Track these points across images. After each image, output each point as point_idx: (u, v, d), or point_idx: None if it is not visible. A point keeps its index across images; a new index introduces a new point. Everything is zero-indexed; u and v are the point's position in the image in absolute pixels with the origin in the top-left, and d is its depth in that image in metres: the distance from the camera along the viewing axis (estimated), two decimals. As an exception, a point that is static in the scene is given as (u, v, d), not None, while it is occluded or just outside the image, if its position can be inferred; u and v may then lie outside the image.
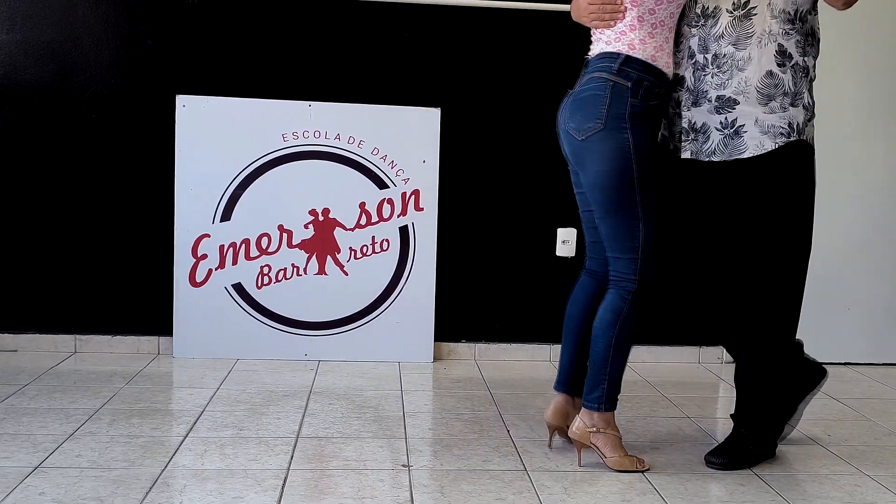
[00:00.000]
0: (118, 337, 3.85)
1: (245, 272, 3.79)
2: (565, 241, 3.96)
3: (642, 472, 2.65)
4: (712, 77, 2.63)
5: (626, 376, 3.75)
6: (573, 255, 3.96)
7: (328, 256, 3.83)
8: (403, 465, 2.64)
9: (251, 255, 3.79)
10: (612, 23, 2.61)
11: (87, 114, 3.76)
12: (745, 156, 2.62)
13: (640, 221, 2.56)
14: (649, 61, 2.58)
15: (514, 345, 4.01)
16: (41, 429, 2.84)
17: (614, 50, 2.60)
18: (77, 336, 3.84)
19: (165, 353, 3.84)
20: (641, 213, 2.56)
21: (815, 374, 2.97)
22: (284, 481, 2.49)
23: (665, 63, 2.62)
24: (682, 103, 2.68)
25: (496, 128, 3.91)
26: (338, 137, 3.78)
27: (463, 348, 4.00)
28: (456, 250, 3.94)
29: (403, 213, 3.82)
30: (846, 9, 2.64)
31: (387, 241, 3.83)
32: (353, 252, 3.83)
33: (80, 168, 3.78)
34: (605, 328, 2.63)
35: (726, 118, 2.63)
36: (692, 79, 2.66)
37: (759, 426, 2.79)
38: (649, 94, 2.58)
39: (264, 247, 3.80)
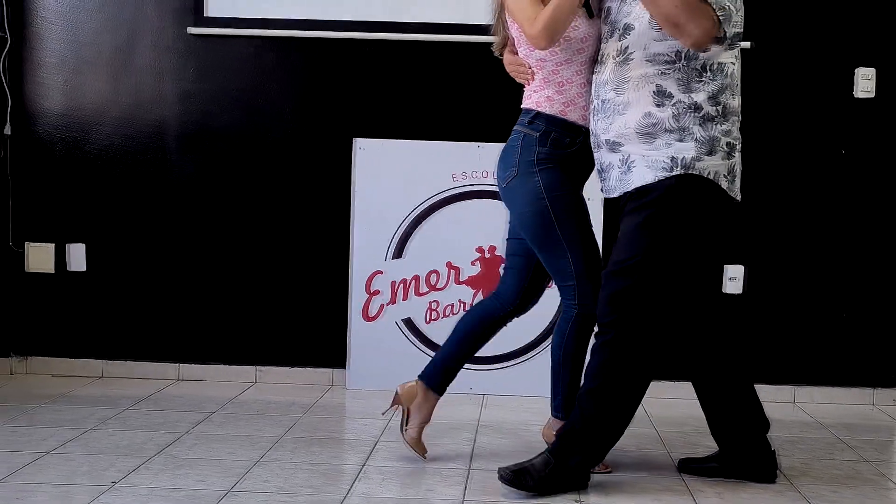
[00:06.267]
0: (295, 368, 4.04)
1: (414, 308, 3.92)
2: (733, 278, 3.92)
3: None
4: (601, 121, 2.72)
5: (797, 417, 3.71)
6: (741, 291, 3.92)
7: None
8: (576, 501, 2.68)
9: (420, 291, 3.93)
10: (527, 81, 2.88)
11: (271, 157, 4.00)
12: (630, 188, 2.68)
13: (567, 253, 2.80)
14: (559, 116, 2.82)
15: (677, 383, 3.97)
16: (230, 455, 3.02)
17: (527, 106, 2.88)
18: (257, 367, 4.05)
19: (338, 384, 4.00)
20: (566, 246, 2.79)
21: (765, 469, 2.87)
22: (461, 512, 2.57)
23: (581, 116, 2.82)
24: (592, 147, 2.80)
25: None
26: (505, 177, 3.87)
27: (627, 385, 3.99)
28: (621, 287, 3.96)
29: (569, 250, 3.87)
30: (698, 49, 2.61)
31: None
32: (518, 288, 3.90)
33: (263, 208, 4.01)
34: (554, 348, 2.93)
35: (620, 157, 2.69)
36: (592, 123, 2.78)
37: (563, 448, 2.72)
38: (558, 143, 2.81)
39: (433, 283, 3.92)
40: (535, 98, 2.85)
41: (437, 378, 3.01)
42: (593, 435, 2.72)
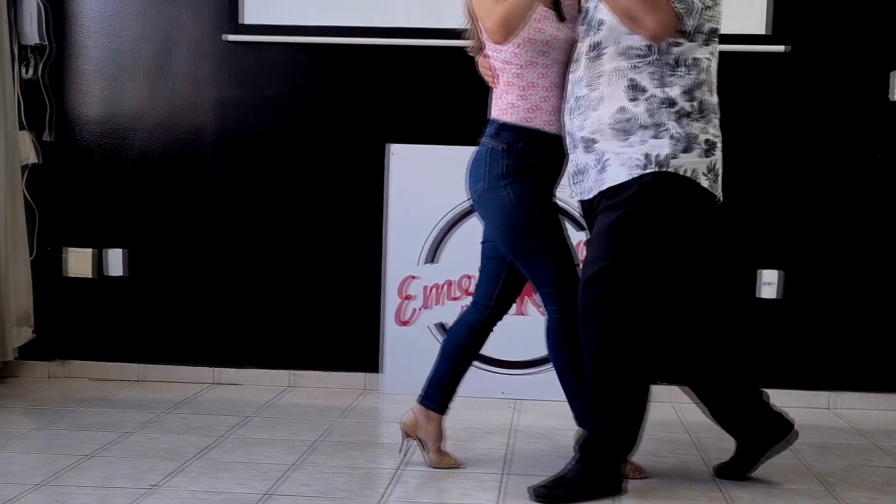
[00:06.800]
0: (329, 372, 4.07)
1: (448, 312, 3.93)
2: (769, 283, 3.90)
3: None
4: (576, 119, 2.69)
5: (834, 423, 3.68)
6: (776, 297, 3.90)
7: (526, 297, 3.92)
8: (611, 506, 2.69)
9: (453, 296, 3.95)
10: (493, 84, 2.87)
11: (306, 162, 4.03)
12: (604, 187, 2.66)
13: (543, 260, 2.79)
14: (523, 124, 2.80)
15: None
16: (268, 458, 3.05)
17: (492, 116, 2.87)
18: (292, 371, 4.08)
19: (371, 388, 4.02)
20: (542, 253, 2.79)
21: (780, 428, 2.87)
22: (497, 516, 2.59)
23: (545, 122, 2.79)
24: (567, 148, 2.77)
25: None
26: (538, 182, 3.88)
27: (660, 390, 3.97)
28: (654, 292, 3.95)
29: (602, 255, 3.87)
30: (657, 42, 2.59)
31: (585, 282, 3.89)
32: (551, 293, 3.91)
33: (298, 214, 4.05)
34: (553, 362, 2.93)
35: (595, 156, 2.67)
36: (568, 123, 2.73)
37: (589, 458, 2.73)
38: (525, 154, 2.79)
39: (466, 288, 3.94)
40: (499, 105, 2.84)
41: (436, 398, 3.00)
42: (609, 444, 2.73)
